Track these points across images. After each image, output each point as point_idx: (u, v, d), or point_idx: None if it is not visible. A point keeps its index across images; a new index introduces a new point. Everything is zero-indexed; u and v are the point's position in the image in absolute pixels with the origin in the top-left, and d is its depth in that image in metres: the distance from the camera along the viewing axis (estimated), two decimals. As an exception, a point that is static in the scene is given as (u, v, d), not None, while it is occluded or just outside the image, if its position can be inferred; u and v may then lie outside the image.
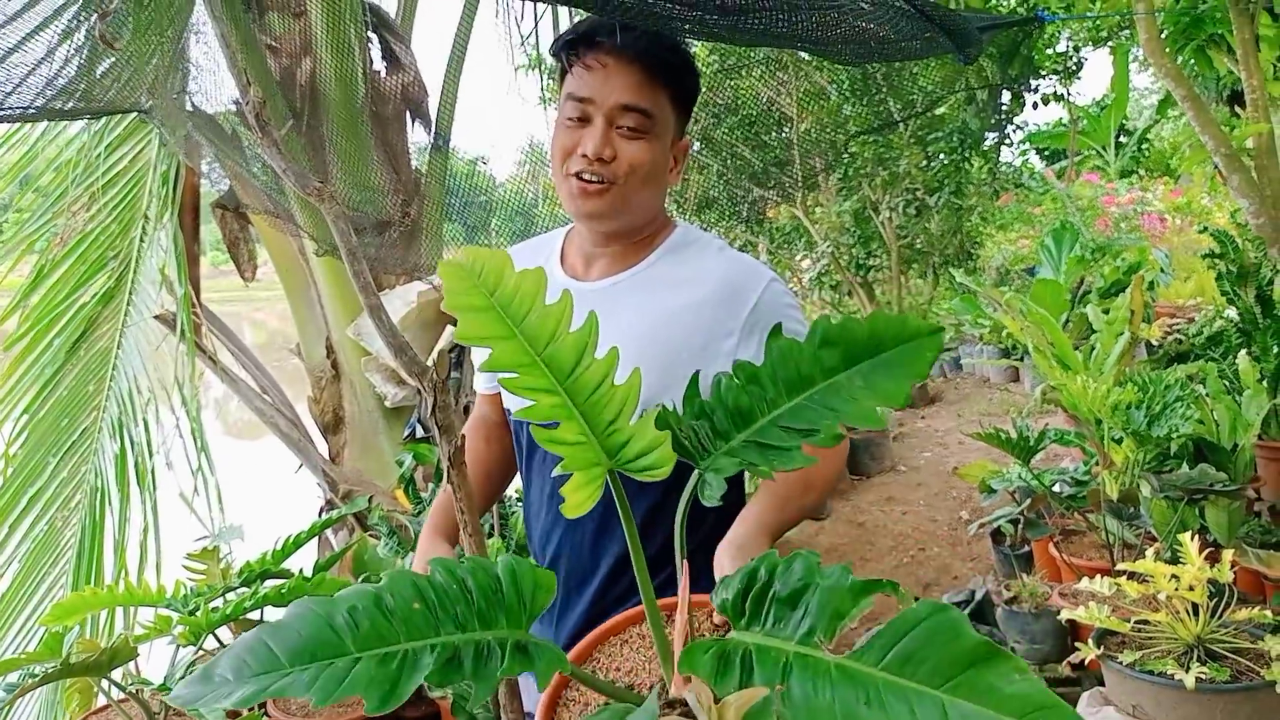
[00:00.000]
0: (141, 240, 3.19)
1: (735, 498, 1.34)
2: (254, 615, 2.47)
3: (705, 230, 1.67)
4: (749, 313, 1.33)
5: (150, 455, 2.96)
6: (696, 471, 0.93)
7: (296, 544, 2.58)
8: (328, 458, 3.07)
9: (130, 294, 3.20)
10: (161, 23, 2.54)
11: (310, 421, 3.18)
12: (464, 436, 1.54)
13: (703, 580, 0.99)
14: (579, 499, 0.85)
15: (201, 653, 2.48)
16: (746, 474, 1.43)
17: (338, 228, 1.28)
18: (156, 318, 2.85)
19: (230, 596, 2.43)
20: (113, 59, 2.44)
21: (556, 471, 0.86)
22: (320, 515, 2.90)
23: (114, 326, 3.24)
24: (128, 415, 3.03)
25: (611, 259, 1.41)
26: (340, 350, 3.06)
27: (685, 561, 0.89)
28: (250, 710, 2.20)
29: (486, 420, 1.63)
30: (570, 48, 1.32)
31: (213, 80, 2.81)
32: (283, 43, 3.04)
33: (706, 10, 1.50)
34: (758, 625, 0.77)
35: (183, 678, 2.20)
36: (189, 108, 2.83)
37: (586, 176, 1.30)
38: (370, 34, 3.18)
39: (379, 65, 3.24)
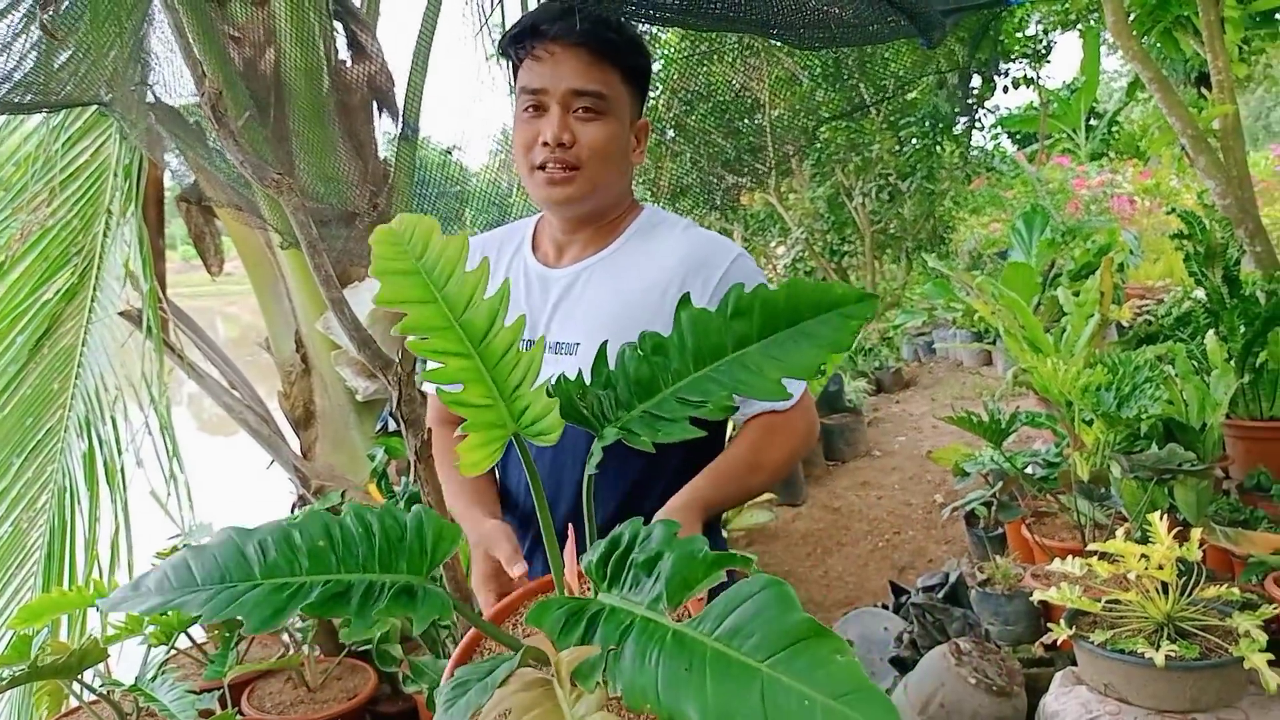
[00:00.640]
0: (105, 236, 3.13)
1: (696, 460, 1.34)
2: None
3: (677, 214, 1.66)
4: (715, 286, 1.34)
5: (120, 454, 2.92)
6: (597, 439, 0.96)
7: (269, 540, 2.56)
8: (299, 453, 3.04)
9: (95, 290, 3.14)
10: (119, 14, 2.50)
11: (281, 416, 3.15)
12: (430, 430, 1.53)
13: None
14: (476, 458, 0.90)
15: (174, 652, 2.47)
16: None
17: (297, 220, 1.27)
18: (121, 314, 2.80)
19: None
20: (70, 51, 2.40)
21: (457, 433, 0.89)
22: (292, 511, 2.88)
23: (78, 323, 3.18)
24: (95, 413, 2.98)
25: (581, 245, 1.41)
26: (310, 344, 3.03)
27: (571, 526, 0.96)
28: (227, 708, 2.19)
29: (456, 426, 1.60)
30: (517, 41, 1.32)
31: (173, 72, 2.77)
32: (245, 32, 3.00)
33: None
34: (617, 588, 0.79)
35: (154, 678, 2.19)
36: (150, 100, 2.79)
37: (551, 165, 1.30)
38: (335, 22, 3.14)
39: (344, 54, 3.20)
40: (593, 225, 1.40)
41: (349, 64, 3.16)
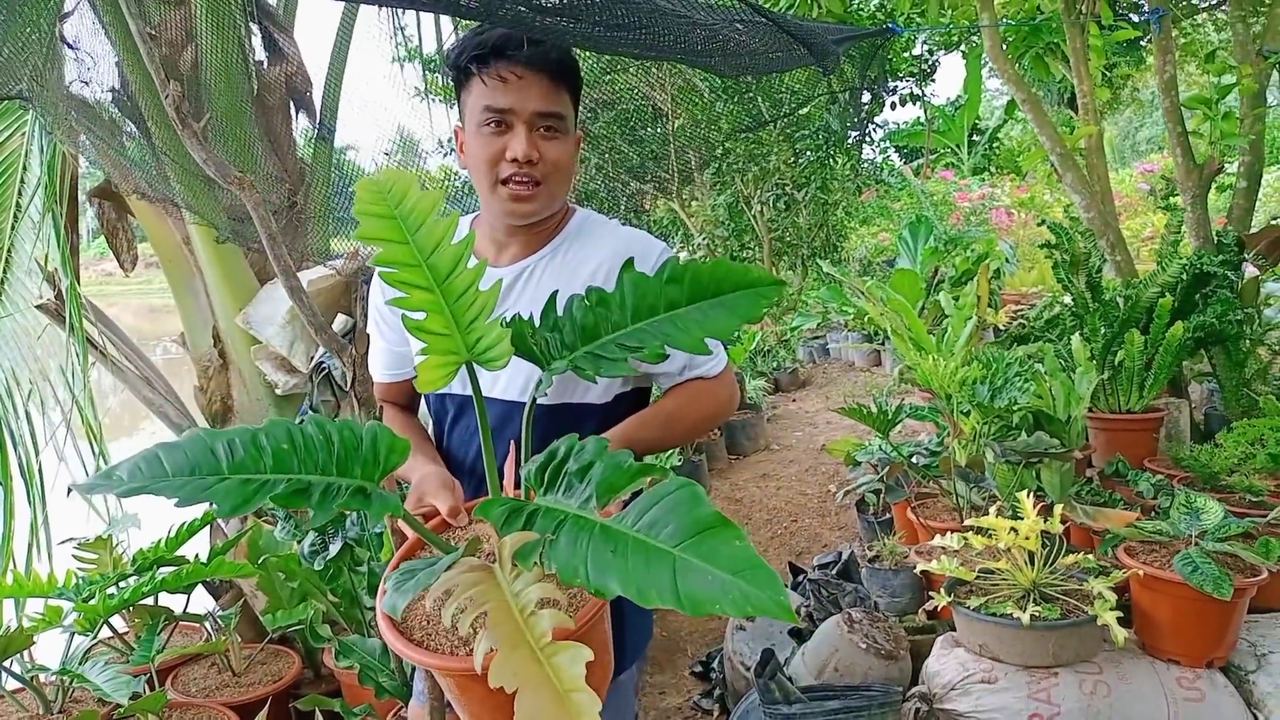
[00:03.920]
0: (13, 229, 3.10)
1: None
2: (149, 601, 2.49)
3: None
4: None
5: (36, 449, 2.88)
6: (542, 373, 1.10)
7: (190, 532, 2.61)
8: (216, 447, 3.06)
9: (2, 284, 3.10)
10: (37, 8, 2.52)
11: (196, 411, 3.17)
12: (383, 407, 1.65)
13: None
14: (432, 377, 1.03)
15: (96, 641, 2.48)
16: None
17: (258, 214, 1.37)
18: (39, 307, 2.79)
19: (124, 584, 2.45)
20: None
21: (416, 355, 1.01)
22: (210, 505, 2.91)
23: (-19, 317, 3.12)
24: (5, 407, 2.94)
25: (521, 245, 1.53)
26: (228, 339, 3.06)
27: (513, 445, 1.08)
28: (155, 690, 2.24)
29: (394, 405, 1.71)
30: (479, 60, 1.42)
31: (84, 67, 2.78)
32: (161, 31, 3.02)
33: (592, 24, 1.63)
34: (553, 493, 0.93)
35: (81, 664, 2.22)
36: (64, 94, 2.79)
37: (519, 179, 1.42)
38: (253, 24, 3.19)
39: (261, 55, 3.25)
40: (535, 229, 1.52)
41: (266, 65, 3.21)
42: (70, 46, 2.50)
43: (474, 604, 0.84)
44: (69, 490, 2.39)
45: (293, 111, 3.32)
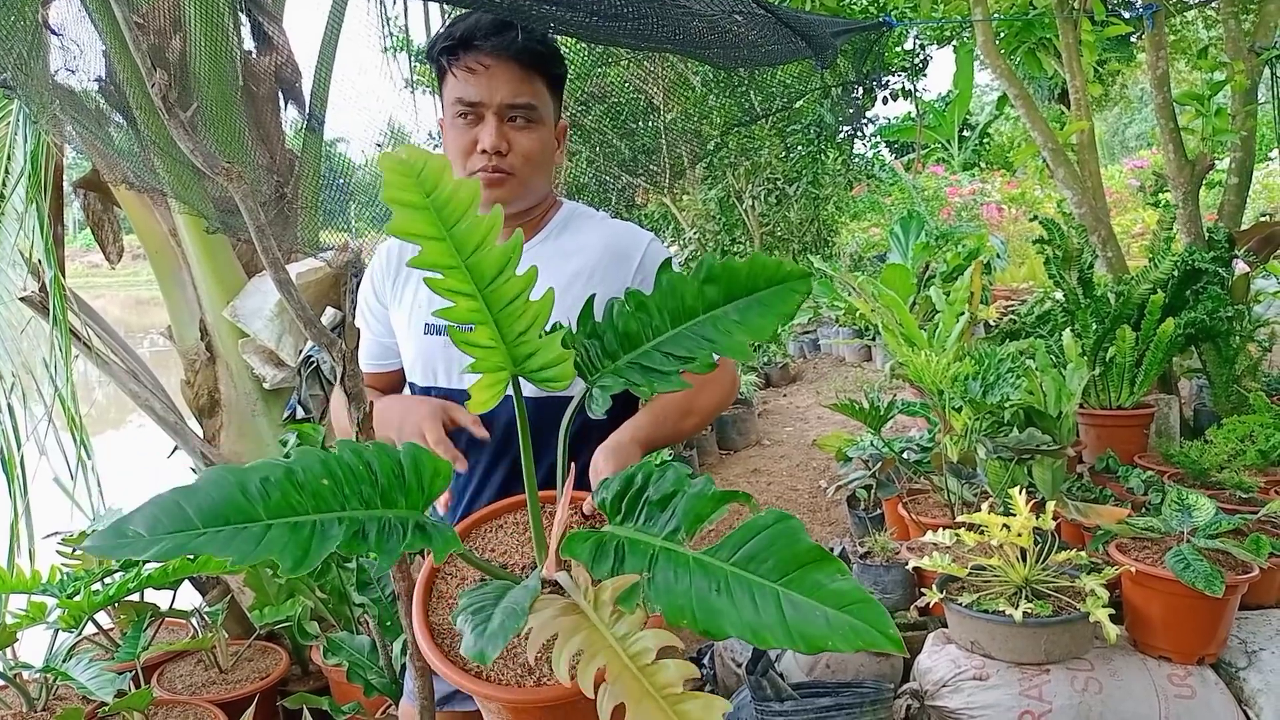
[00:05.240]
0: (-4, 221, 3.06)
1: (625, 414, 1.46)
2: (135, 597, 2.47)
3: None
4: (634, 271, 1.48)
5: (18, 441, 2.84)
6: (585, 386, 1.03)
7: (176, 526, 2.57)
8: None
9: (-20, 275, 3.06)
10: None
11: (182, 405, 3.14)
12: (372, 403, 1.63)
13: (578, 479, 1.11)
14: (484, 398, 0.94)
15: (82, 638, 2.46)
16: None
17: (246, 206, 1.34)
18: (23, 299, 2.75)
19: (109, 580, 2.43)
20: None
21: (465, 370, 0.96)
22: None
23: (-42, 308, 3.08)
24: (-13, 400, 2.90)
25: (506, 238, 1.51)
26: (215, 332, 3.03)
27: (572, 464, 1.04)
28: (140, 688, 2.22)
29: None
30: (449, 52, 1.41)
31: (70, 56, 2.75)
32: (149, 19, 2.99)
33: (588, 13, 1.61)
34: (631, 522, 0.89)
35: (65, 661, 2.20)
36: (49, 84, 2.75)
37: (488, 169, 1.41)
38: (241, 13, 3.15)
39: (250, 45, 3.22)
40: (517, 222, 1.51)
41: (255, 55, 3.18)
42: (55, 33, 2.47)
43: (589, 656, 0.77)
44: (67, 543, 2.35)
45: (282, 102, 3.30)
